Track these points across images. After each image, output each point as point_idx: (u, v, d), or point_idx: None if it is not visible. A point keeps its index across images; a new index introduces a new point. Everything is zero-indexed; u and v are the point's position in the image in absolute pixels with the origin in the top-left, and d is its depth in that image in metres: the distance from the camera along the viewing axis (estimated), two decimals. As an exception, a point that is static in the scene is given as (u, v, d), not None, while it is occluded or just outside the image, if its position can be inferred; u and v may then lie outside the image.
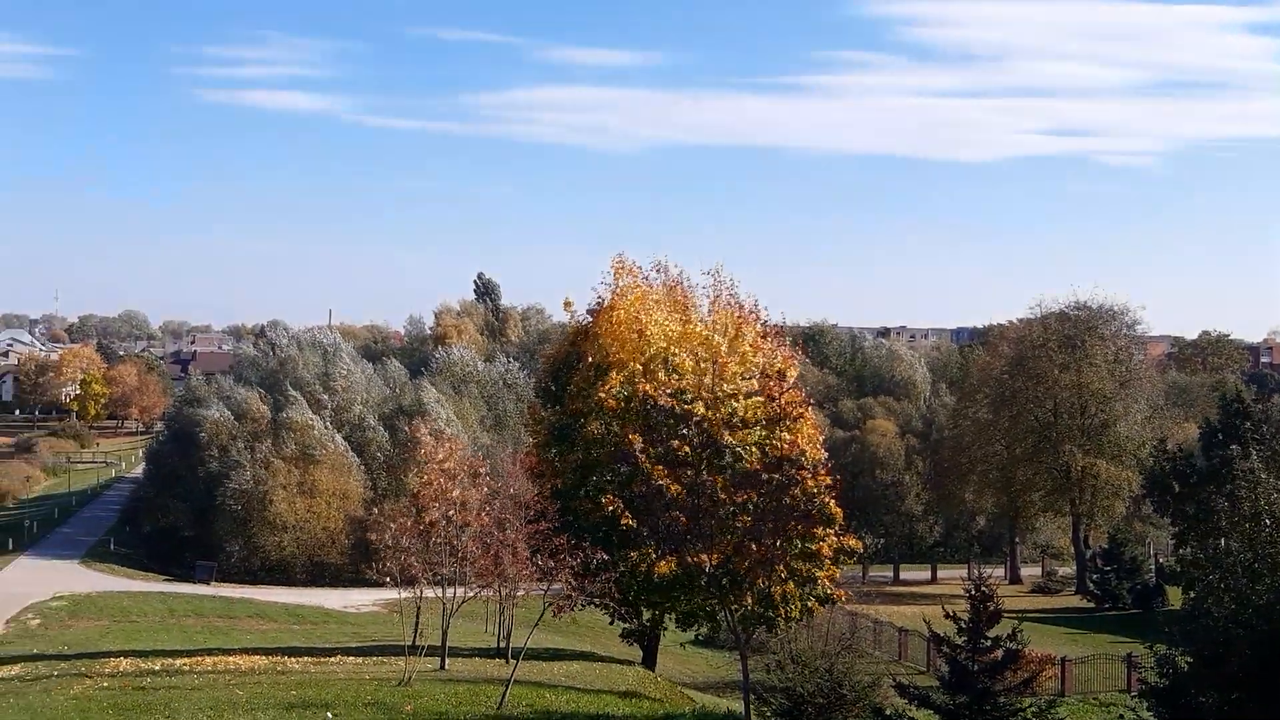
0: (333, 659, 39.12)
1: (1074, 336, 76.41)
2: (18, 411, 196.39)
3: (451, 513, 33.77)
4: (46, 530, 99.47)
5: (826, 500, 29.89)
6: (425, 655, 34.01)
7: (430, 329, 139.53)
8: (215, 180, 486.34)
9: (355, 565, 76.34)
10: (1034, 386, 76.16)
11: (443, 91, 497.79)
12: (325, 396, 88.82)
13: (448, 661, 34.92)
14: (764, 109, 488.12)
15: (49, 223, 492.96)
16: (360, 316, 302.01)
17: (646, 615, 40.19)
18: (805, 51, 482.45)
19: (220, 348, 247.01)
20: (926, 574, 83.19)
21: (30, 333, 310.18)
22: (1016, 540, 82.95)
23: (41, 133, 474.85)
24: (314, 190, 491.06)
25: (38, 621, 61.83)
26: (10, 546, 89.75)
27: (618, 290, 39.56)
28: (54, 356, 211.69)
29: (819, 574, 32.12)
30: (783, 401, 33.93)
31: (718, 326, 39.40)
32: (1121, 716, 25.37)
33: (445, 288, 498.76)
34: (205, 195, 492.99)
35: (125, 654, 42.33)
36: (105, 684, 31.70)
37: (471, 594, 35.37)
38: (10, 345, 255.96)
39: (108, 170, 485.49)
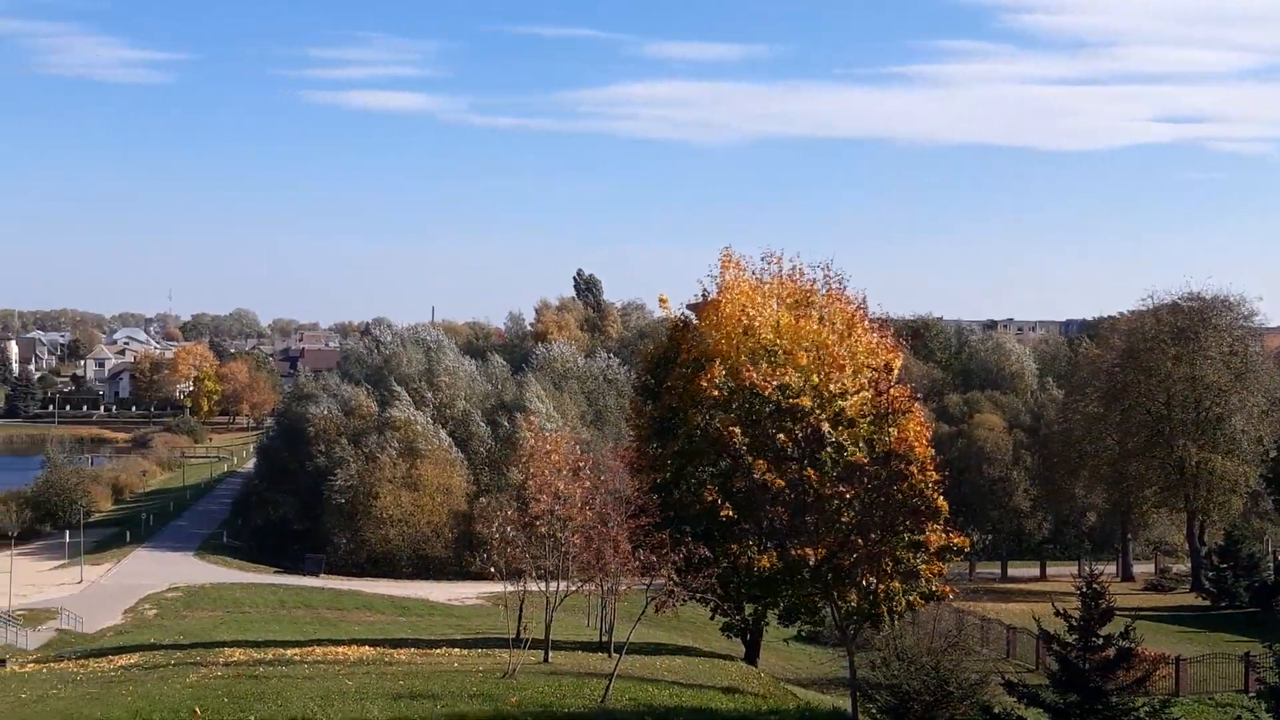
0: (438, 651, 39.55)
1: (1187, 328, 74.16)
2: (134, 408, 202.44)
3: (555, 507, 33.85)
4: (162, 523, 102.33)
5: (934, 496, 29.36)
6: (529, 648, 34.19)
7: (530, 325, 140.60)
8: (321, 181, 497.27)
9: (459, 559, 77.30)
10: (1146, 380, 74.12)
11: (542, 89, 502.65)
12: (429, 393, 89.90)
13: (551, 655, 35.06)
14: (866, 100, 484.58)
15: (163, 224, 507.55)
16: (462, 314, 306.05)
17: (748, 610, 39.98)
18: (907, 41, 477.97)
19: (327, 345, 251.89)
20: (1035, 571, 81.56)
21: (145, 331, 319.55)
22: (1129, 536, 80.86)
23: (156, 136, 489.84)
24: (416, 189, 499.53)
25: (154, 612, 63.60)
26: (128, 539, 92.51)
27: (724, 283, 39.23)
28: (168, 354, 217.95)
29: (924, 569, 31.63)
30: (890, 396, 33.46)
31: (830, 322, 38.93)
32: (1239, 717, 24.54)
33: (546, 284, 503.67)
34: (311, 196, 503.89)
35: (238, 644, 43.26)
36: (219, 673, 32.40)
37: (574, 588, 35.46)
38: (127, 343, 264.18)
39: (218, 173, 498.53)
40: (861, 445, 33.59)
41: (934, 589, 32.79)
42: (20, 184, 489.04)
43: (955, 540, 31.38)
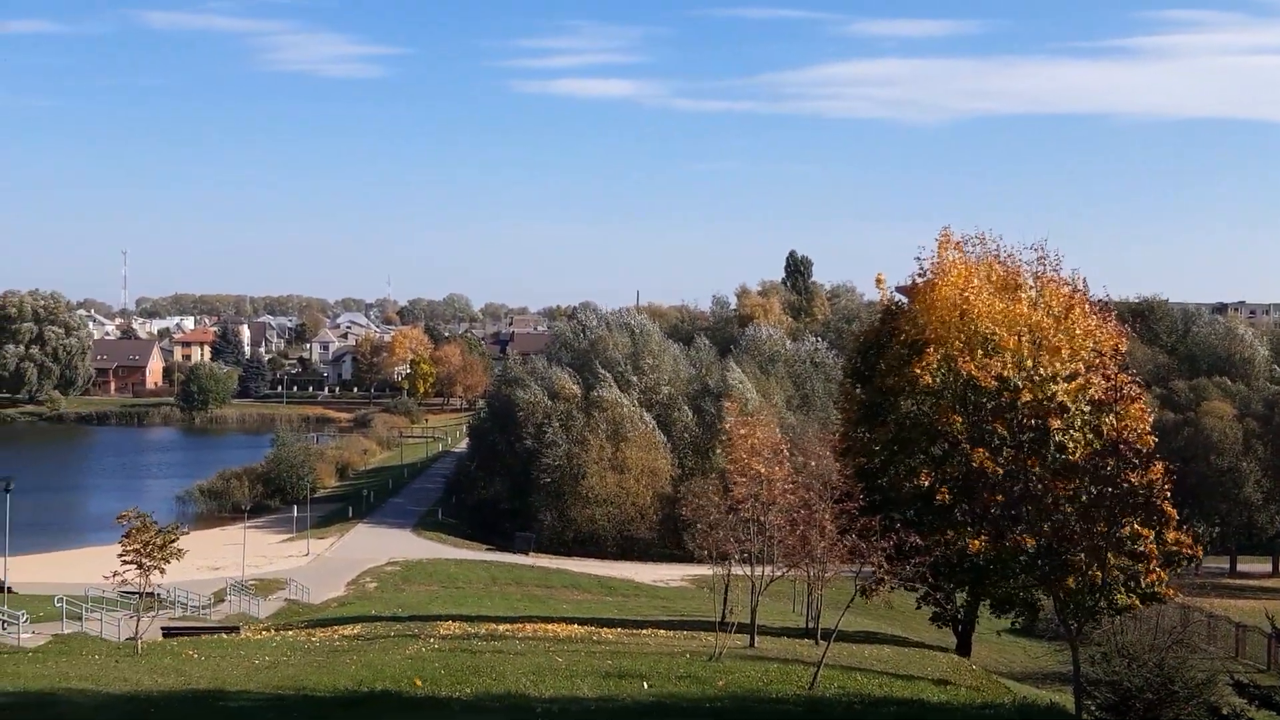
0: (644, 631, 39.93)
1: None
2: (355, 389, 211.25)
3: (758, 490, 33.68)
4: (381, 500, 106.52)
5: (1162, 497, 27.75)
6: (734, 632, 34.15)
7: (735, 309, 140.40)
8: (529, 169, 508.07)
9: (663, 540, 78.00)
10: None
11: (747, 72, 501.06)
12: (635, 377, 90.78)
13: (756, 639, 34.96)
14: (1084, 74, 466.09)
15: (382, 213, 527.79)
16: (668, 298, 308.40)
17: (960, 600, 38.99)
18: (1129, 12, 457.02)
19: (536, 329, 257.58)
20: (1267, 567, 77.19)
21: (366, 316, 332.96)
22: (1372, 533, 75.70)
23: (372, 128, 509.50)
24: (622, 174, 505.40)
25: (374, 585, 66.27)
26: (350, 515, 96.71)
27: (939, 266, 38.16)
28: (387, 338, 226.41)
29: (1145, 576, 30.24)
30: (1117, 383, 32.05)
31: (1045, 305, 37.46)
32: None
33: (753, 267, 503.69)
34: (520, 184, 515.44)
35: (453, 618, 44.64)
36: (436, 645, 33.46)
37: (780, 573, 35.23)
38: (349, 327, 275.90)
39: (431, 164, 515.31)
40: (1079, 434, 32.32)
41: (1156, 590, 31.30)
42: (248, 177, 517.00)
43: (1184, 545, 29.77)
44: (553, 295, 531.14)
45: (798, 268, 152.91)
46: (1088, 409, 33.57)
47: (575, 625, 41.08)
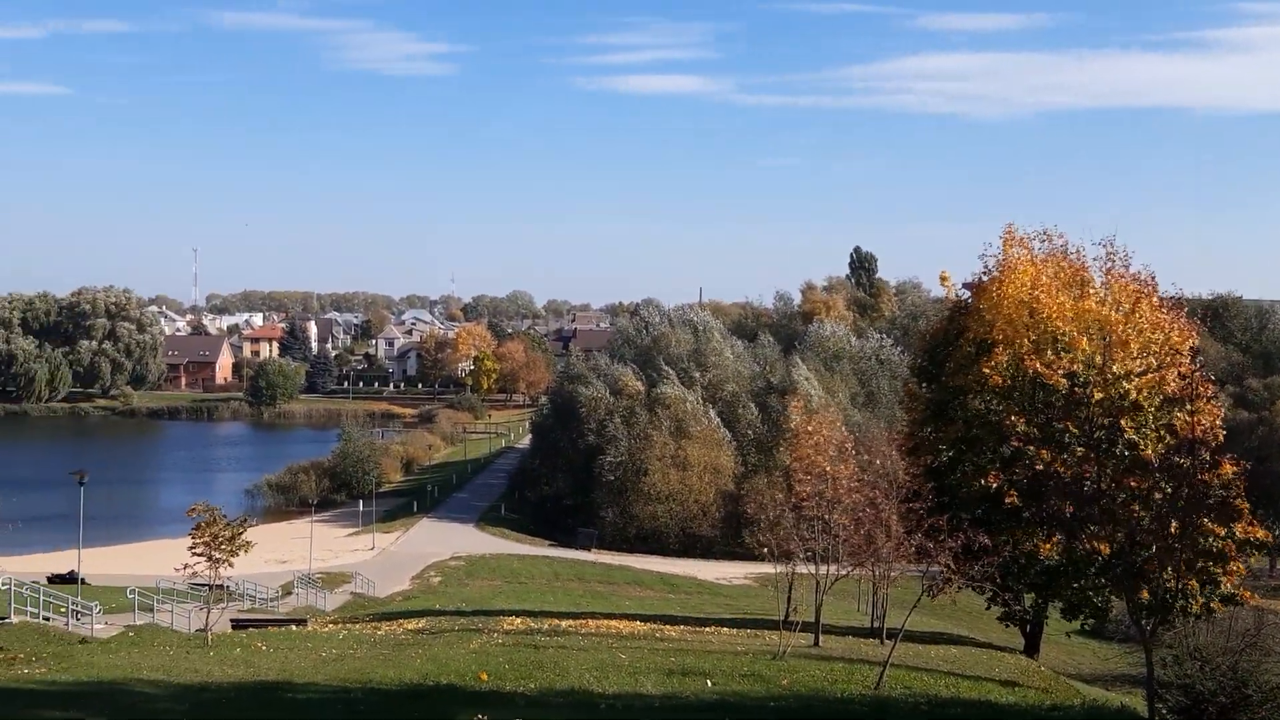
0: (707, 629, 39.79)
1: None
2: (420, 385, 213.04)
3: (823, 488, 33.43)
4: (445, 495, 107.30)
5: (1238, 493, 27.25)
6: (798, 631, 33.93)
7: (798, 305, 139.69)
8: (592, 166, 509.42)
9: (726, 538, 77.76)
10: None
11: (813, 67, 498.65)
12: (698, 374, 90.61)
13: (821, 638, 34.71)
14: (1157, 68, 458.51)
15: (445, 209, 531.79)
16: (730, 294, 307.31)
17: (1029, 600, 38.48)
18: (1202, 4, 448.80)
19: (598, 325, 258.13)
20: (1345, 571, 75.32)
21: (430, 312, 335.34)
22: None
23: (436, 126, 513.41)
24: (686, 171, 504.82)
25: (439, 579, 66.73)
26: (415, 509, 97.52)
27: (1006, 263, 37.65)
28: (450, 334, 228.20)
29: (1222, 578, 29.68)
30: (1193, 380, 31.42)
31: (1113, 301, 36.81)
32: None
33: (816, 263, 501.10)
34: (582, 180, 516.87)
35: (516, 613, 44.80)
36: (500, 640, 33.57)
37: (844, 572, 34.95)
38: (414, 324, 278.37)
39: (494, 161, 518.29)
40: (1152, 434, 31.78)
41: (1233, 592, 30.69)
42: (315, 175, 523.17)
43: (1256, 534, 29.26)
44: (615, 292, 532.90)
45: (863, 264, 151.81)
46: (1159, 406, 32.98)
47: (638, 622, 41.04)
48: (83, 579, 51.94)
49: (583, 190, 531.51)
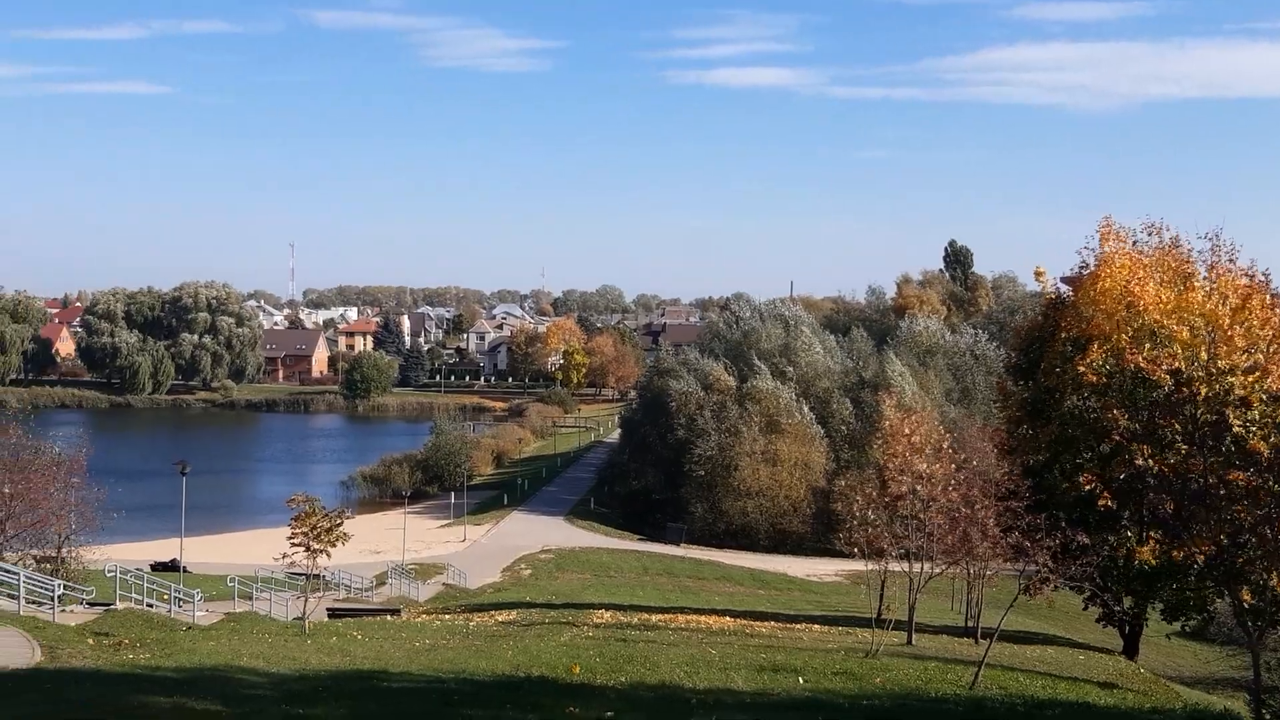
0: (798, 625, 39.55)
1: None
2: (510, 379, 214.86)
3: (917, 487, 33.02)
4: (535, 488, 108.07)
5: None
6: (891, 629, 33.58)
7: (891, 299, 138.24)
8: (682, 159, 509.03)
9: (817, 535, 77.20)
10: None
11: (907, 58, 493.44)
12: (790, 369, 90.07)
13: (914, 637, 34.30)
14: (1264, 56, 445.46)
15: (536, 205, 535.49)
16: (822, 288, 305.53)
17: (1127, 602, 37.66)
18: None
19: (688, 320, 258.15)
20: None
21: (521, 307, 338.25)
22: None
23: (528, 122, 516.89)
24: (777, 164, 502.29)
25: (529, 572, 67.22)
26: (505, 502, 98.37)
27: (1103, 257, 36.83)
28: (541, 329, 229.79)
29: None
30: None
31: (1220, 296, 35.78)
32: None
33: (909, 257, 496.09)
34: (672, 175, 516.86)
35: (605, 606, 44.93)
36: (590, 633, 33.70)
37: (938, 570, 34.51)
38: (505, 318, 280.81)
39: (584, 156, 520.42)
40: (1258, 429, 30.90)
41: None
42: (409, 171, 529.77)
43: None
44: (705, 286, 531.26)
45: (958, 258, 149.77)
46: (1267, 402, 32.07)
47: (728, 618, 40.90)
48: (184, 567, 53.19)
49: (673, 184, 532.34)
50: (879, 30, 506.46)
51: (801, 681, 24.87)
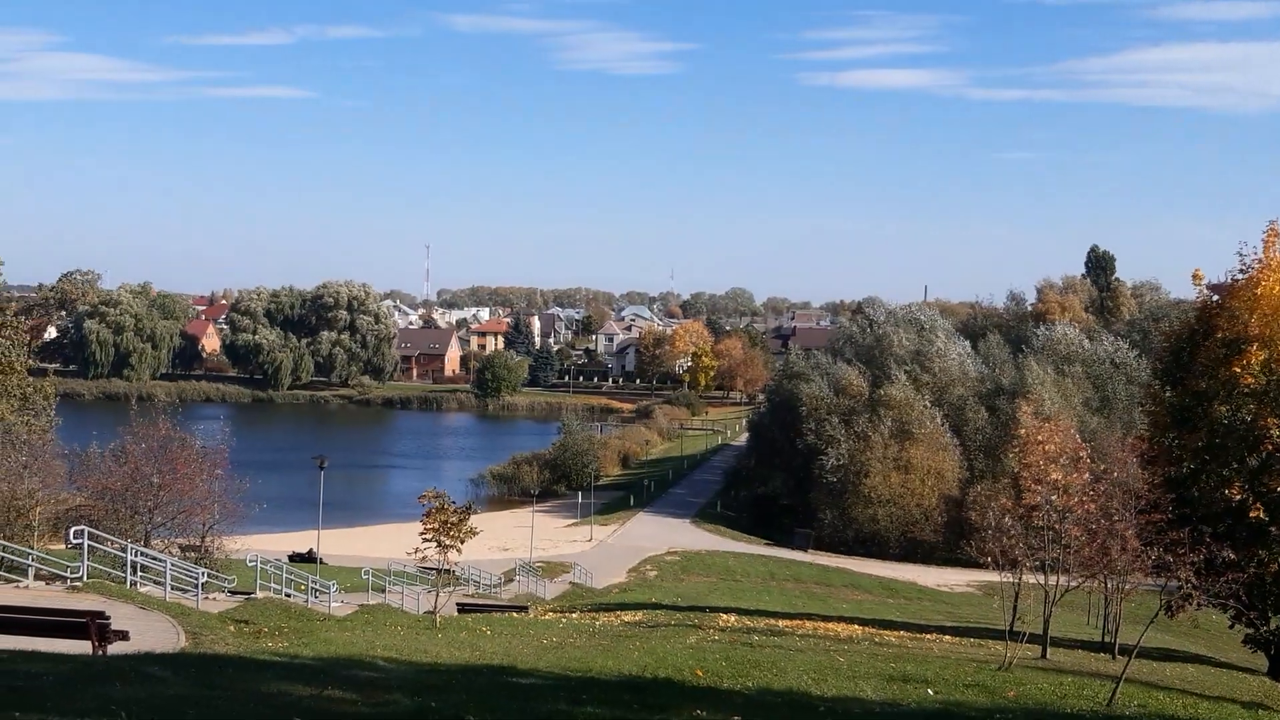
0: (928, 636, 38.89)
1: None
2: (638, 380, 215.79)
3: (1054, 497, 32.19)
4: (662, 490, 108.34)
5: None
6: (1024, 642, 32.79)
7: (1031, 305, 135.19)
8: (815, 162, 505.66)
9: (948, 544, 75.87)
10: None
11: (1048, 59, 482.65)
12: (925, 375, 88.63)
13: (1049, 651, 33.45)
14: None
15: (666, 207, 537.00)
16: (957, 293, 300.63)
17: (1274, 622, 36.17)
18: None
19: (818, 324, 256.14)
20: None
21: (649, 309, 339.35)
22: None
23: (660, 124, 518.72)
24: (912, 167, 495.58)
25: (655, 573, 67.38)
26: (631, 503, 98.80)
27: (1267, 260, 35.33)
28: (669, 331, 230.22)
29: None
30: None
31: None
32: None
33: (1048, 262, 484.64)
34: (803, 176, 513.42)
35: (731, 610, 44.77)
36: (716, 637, 33.58)
37: (1075, 584, 33.60)
38: (633, 320, 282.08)
39: (716, 158, 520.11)
40: None
41: None
42: (542, 173, 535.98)
43: None
44: (836, 290, 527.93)
45: (1100, 263, 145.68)
46: None
47: (856, 625, 40.46)
48: (320, 558, 54.55)
49: (804, 186, 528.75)
50: (1020, 31, 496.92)
51: (931, 692, 24.42)
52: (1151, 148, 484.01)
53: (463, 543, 35.96)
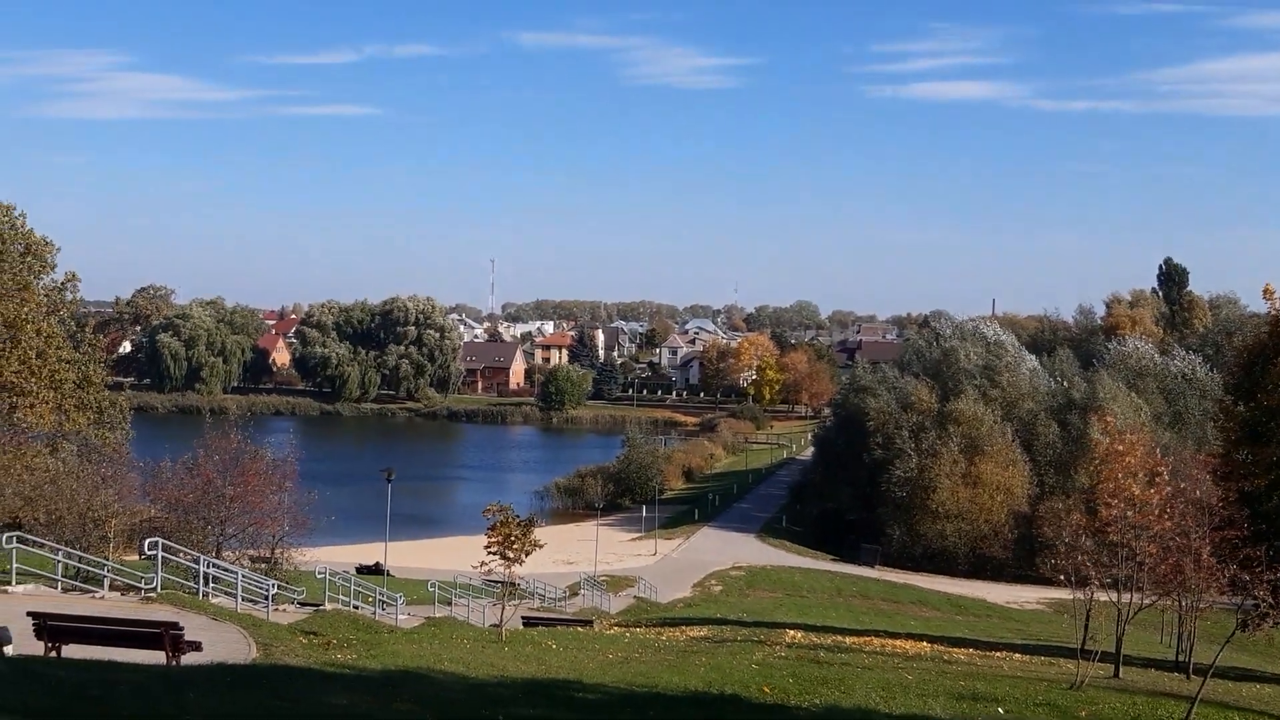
0: (997, 653, 38.37)
1: None
2: (702, 394, 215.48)
3: (1129, 513, 31.65)
4: (726, 504, 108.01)
5: None
6: (1096, 661, 32.22)
7: (1101, 319, 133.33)
8: (880, 175, 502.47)
9: (1018, 560, 74.89)
10: None
11: (1117, 70, 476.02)
12: (994, 390, 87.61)
13: (1121, 670, 32.85)
14: None
15: (730, 220, 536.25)
16: (1025, 306, 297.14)
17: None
18: None
19: (884, 337, 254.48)
20: None
21: (713, 322, 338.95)
22: None
23: (724, 138, 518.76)
24: (979, 180, 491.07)
25: (720, 588, 67.10)
26: (696, 517, 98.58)
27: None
28: (733, 344, 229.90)
29: None
30: None
31: None
32: None
33: (1121, 275, 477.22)
34: (866, 189, 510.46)
35: (797, 626, 44.50)
36: (782, 653, 33.36)
37: (1148, 601, 33.01)
38: (697, 333, 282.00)
39: (780, 171, 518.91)
40: None
41: None
42: (606, 187, 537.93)
43: None
44: (902, 303, 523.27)
45: (1172, 276, 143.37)
46: None
47: (924, 643, 39.98)
48: (387, 570, 54.98)
49: (869, 199, 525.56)
50: (1088, 42, 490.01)
51: (1002, 711, 24.08)
52: (1226, 158, 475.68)
53: (527, 554, 36.05)
